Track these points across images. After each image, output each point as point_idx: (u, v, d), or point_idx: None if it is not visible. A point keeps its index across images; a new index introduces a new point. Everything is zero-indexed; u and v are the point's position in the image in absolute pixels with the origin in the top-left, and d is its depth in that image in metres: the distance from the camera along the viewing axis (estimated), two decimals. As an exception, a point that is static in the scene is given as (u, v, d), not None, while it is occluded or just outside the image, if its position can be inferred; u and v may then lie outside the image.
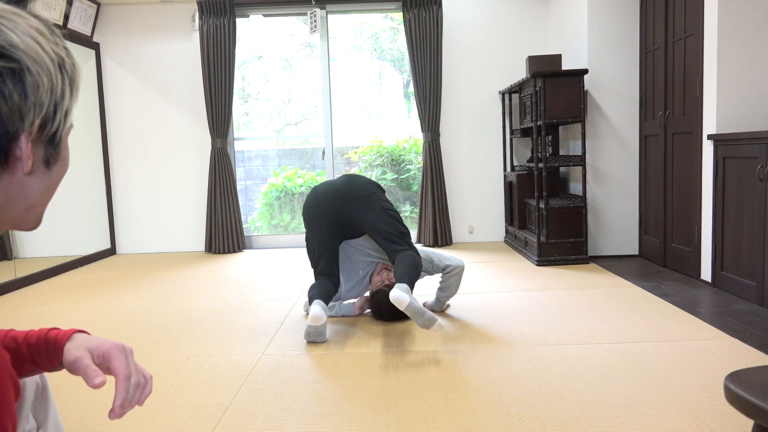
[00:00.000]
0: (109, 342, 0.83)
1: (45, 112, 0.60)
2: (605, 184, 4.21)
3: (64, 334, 0.87)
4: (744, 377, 1.15)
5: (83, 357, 0.80)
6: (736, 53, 3.08)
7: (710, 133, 3.17)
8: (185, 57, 5.02)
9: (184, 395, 2.00)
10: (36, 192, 0.64)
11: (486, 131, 5.01)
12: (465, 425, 1.71)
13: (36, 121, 0.60)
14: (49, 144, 0.63)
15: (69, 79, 0.64)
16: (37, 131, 0.61)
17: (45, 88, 0.60)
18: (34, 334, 0.88)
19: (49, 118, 0.61)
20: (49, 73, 0.60)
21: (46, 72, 0.60)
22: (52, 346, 0.86)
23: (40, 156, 0.63)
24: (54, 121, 0.62)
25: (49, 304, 3.37)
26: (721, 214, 3.14)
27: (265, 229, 5.84)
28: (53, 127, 0.62)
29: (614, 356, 2.22)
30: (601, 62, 4.11)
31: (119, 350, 0.82)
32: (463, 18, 4.92)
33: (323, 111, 5.10)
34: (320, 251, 2.64)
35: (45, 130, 0.62)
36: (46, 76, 0.60)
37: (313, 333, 2.49)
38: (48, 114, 0.61)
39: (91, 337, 0.85)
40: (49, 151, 0.64)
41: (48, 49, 0.61)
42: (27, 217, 0.66)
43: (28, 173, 0.62)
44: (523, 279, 3.55)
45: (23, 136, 0.59)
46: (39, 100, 0.59)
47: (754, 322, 2.58)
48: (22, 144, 0.59)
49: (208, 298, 3.36)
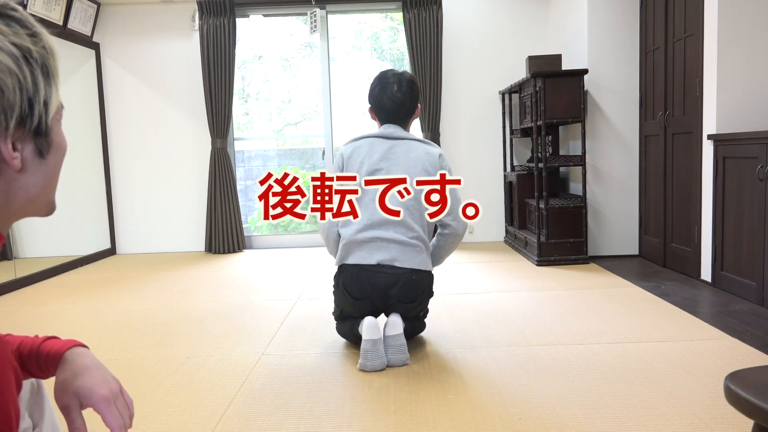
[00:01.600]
0: (99, 391, 0.81)
1: (18, 112, 0.60)
2: (605, 184, 4.21)
3: (57, 350, 0.84)
4: (744, 377, 1.15)
5: (71, 408, 0.80)
6: (736, 53, 3.08)
7: (710, 133, 3.17)
8: (185, 57, 5.02)
9: (184, 395, 2.00)
10: (34, 184, 0.65)
11: (486, 131, 5.01)
12: (465, 425, 1.71)
13: (10, 124, 0.59)
14: (37, 136, 0.63)
15: (41, 66, 0.63)
16: (16, 130, 0.60)
17: (9, 90, 0.59)
18: (27, 344, 0.86)
19: (26, 114, 0.61)
20: (10, 73, 0.59)
21: (6, 73, 0.59)
22: (44, 362, 0.85)
23: (31, 149, 0.63)
24: (32, 115, 0.61)
25: (49, 304, 3.37)
26: (721, 214, 3.14)
27: (265, 229, 5.84)
28: (34, 120, 0.62)
29: (614, 356, 2.22)
30: (601, 62, 4.11)
31: (108, 403, 0.81)
32: (463, 18, 4.92)
33: (323, 111, 5.10)
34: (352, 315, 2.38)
35: (26, 126, 0.61)
36: (8, 77, 0.59)
37: (372, 353, 2.14)
38: (23, 111, 0.60)
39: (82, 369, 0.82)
40: (39, 142, 0.64)
41: (6, 46, 0.59)
42: (33, 207, 0.66)
43: (18, 171, 0.62)
44: (523, 279, 3.55)
45: (2, 141, 0.59)
46: (7, 103, 0.59)
47: (754, 322, 2.58)
48: (1, 147, 0.59)
49: (208, 298, 3.36)
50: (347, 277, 2.28)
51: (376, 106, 2.41)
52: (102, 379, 0.82)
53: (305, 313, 2.98)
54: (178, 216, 5.15)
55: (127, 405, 0.85)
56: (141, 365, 2.31)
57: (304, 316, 2.93)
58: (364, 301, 2.28)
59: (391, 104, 2.37)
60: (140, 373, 2.22)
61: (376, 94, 2.40)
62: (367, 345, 2.16)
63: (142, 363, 2.33)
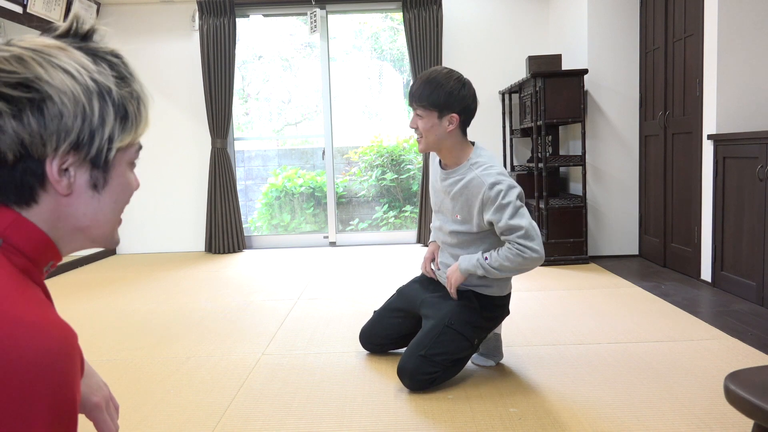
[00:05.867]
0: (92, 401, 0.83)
1: (75, 138, 0.64)
2: (605, 184, 4.21)
3: None
4: (744, 377, 1.15)
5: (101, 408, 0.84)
6: (736, 53, 3.08)
7: (710, 133, 3.17)
8: (185, 57, 5.02)
9: (184, 395, 2.00)
10: (84, 214, 0.68)
11: (486, 131, 5.01)
12: (465, 425, 1.71)
13: (62, 146, 0.63)
14: (93, 167, 0.67)
15: (116, 106, 0.67)
16: (72, 155, 0.64)
17: (70, 116, 0.63)
18: None
19: (84, 143, 0.64)
20: (76, 102, 0.63)
21: (71, 100, 0.63)
22: None
23: (85, 179, 0.67)
24: (91, 146, 0.65)
25: (49, 304, 3.36)
26: (721, 214, 3.14)
27: (265, 229, 5.85)
28: (92, 151, 0.65)
29: (614, 356, 2.22)
30: (601, 62, 4.11)
31: (100, 411, 0.84)
32: (463, 18, 4.92)
33: (323, 111, 5.10)
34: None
35: (81, 154, 0.65)
36: (72, 104, 0.63)
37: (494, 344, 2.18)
38: (81, 139, 0.64)
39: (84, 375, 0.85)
40: (95, 174, 0.67)
41: (83, 79, 0.64)
42: (85, 237, 0.70)
43: (66, 195, 0.66)
44: (523, 279, 3.55)
45: (48, 160, 0.63)
46: (63, 127, 0.63)
47: (754, 322, 2.58)
48: (46, 167, 0.63)
49: (208, 298, 3.36)
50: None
51: (470, 116, 2.05)
52: (95, 387, 0.85)
53: (305, 313, 2.98)
54: (178, 216, 5.15)
55: (116, 410, 0.89)
56: (141, 365, 2.31)
57: (304, 316, 2.93)
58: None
59: None
60: (140, 373, 2.22)
61: (472, 101, 2.03)
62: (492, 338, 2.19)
63: (142, 363, 2.33)
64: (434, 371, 1.93)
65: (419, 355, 1.94)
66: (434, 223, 2.23)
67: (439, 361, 1.94)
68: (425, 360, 1.93)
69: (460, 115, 1.98)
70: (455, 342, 1.96)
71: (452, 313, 2.01)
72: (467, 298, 2.05)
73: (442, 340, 1.96)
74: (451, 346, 1.96)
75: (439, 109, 1.97)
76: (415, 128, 2.04)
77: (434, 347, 1.95)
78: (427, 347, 1.95)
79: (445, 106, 1.96)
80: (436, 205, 2.19)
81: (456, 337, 1.97)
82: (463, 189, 2.00)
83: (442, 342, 1.96)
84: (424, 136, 2.02)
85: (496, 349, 2.19)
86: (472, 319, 2.01)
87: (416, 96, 2.00)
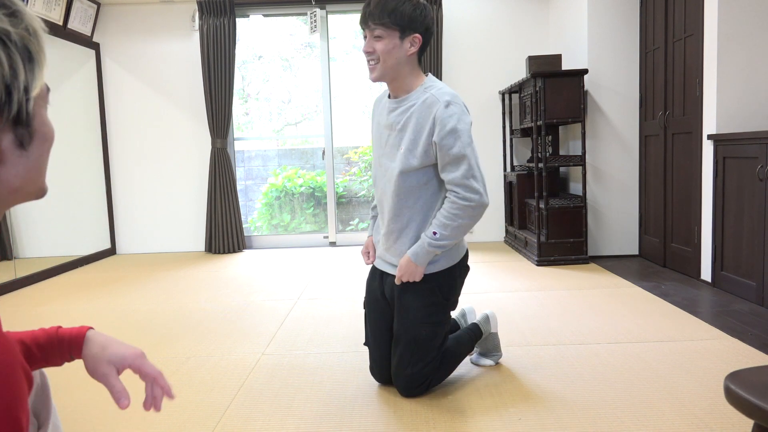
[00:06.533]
0: (128, 352, 0.91)
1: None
2: (605, 184, 4.21)
3: (77, 333, 0.91)
4: (744, 377, 1.15)
5: (109, 375, 0.89)
6: (736, 53, 3.08)
7: (710, 133, 3.17)
8: (185, 57, 5.02)
9: (184, 395, 2.00)
10: (15, 175, 0.61)
11: (486, 131, 5.01)
12: (465, 426, 1.71)
13: None
14: (16, 125, 0.60)
15: (20, 50, 0.59)
16: None
17: None
18: (40, 334, 0.90)
19: (3, 102, 0.57)
20: None
21: None
22: (66, 347, 0.90)
23: (10, 140, 0.60)
24: (11, 103, 0.58)
25: (49, 304, 3.37)
26: (721, 214, 3.14)
27: (265, 229, 5.85)
28: (12, 108, 0.58)
29: (614, 356, 2.22)
30: (601, 62, 4.11)
31: (142, 358, 0.92)
32: (463, 18, 4.92)
33: (323, 111, 5.10)
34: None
35: (3, 116, 0.58)
36: None
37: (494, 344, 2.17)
38: (0, 100, 0.57)
39: (107, 342, 0.91)
40: (20, 132, 0.60)
41: None
42: (19, 196, 0.64)
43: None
44: (523, 279, 3.55)
45: None
46: None
47: (754, 322, 2.58)
48: None
49: (208, 298, 3.36)
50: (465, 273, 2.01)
51: (429, 40, 1.88)
52: (128, 346, 0.92)
53: (305, 313, 2.98)
54: (178, 216, 5.15)
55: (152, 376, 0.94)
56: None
57: (304, 316, 2.93)
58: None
59: None
60: (140, 373, 2.22)
61: (432, 23, 1.86)
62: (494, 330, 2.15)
63: (142, 363, 2.33)
64: (426, 378, 1.89)
65: (406, 375, 1.88)
66: (374, 175, 1.99)
67: (428, 371, 1.89)
68: (413, 376, 1.88)
69: (423, 35, 1.80)
70: (432, 339, 1.88)
71: (415, 320, 1.87)
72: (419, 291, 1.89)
73: (420, 350, 1.87)
74: (429, 346, 1.88)
75: (401, 28, 1.76)
76: (370, 52, 1.80)
77: (417, 362, 1.87)
78: (411, 364, 1.87)
79: (408, 26, 1.77)
80: (378, 148, 1.95)
81: (430, 333, 1.87)
82: (415, 111, 1.80)
83: (420, 352, 1.87)
84: (382, 60, 1.79)
85: (495, 347, 2.19)
86: (436, 307, 1.89)
87: (375, 14, 1.76)
